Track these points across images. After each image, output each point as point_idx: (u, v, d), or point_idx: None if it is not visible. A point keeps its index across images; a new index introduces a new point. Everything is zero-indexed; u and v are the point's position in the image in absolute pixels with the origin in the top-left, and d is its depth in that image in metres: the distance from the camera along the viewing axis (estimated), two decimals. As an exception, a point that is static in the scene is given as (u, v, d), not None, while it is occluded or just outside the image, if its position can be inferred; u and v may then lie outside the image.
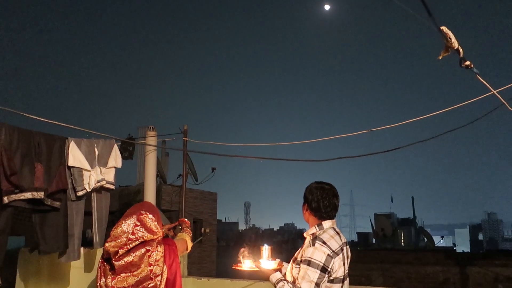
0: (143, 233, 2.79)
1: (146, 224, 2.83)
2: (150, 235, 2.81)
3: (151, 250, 2.77)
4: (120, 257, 2.71)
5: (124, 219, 2.83)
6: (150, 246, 2.78)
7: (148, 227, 2.82)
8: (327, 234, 2.87)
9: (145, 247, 2.77)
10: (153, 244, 2.80)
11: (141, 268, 2.71)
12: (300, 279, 2.73)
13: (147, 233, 2.79)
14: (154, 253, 2.77)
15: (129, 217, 2.84)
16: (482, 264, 15.64)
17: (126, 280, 2.69)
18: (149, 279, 2.71)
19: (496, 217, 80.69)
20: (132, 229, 2.76)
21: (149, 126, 5.76)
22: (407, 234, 43.22)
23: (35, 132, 3.31)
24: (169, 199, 14.53)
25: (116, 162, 3.89)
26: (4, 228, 3.01)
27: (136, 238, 2.76)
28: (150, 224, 2.84)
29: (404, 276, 16.75)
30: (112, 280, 2.69)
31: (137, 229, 2.78)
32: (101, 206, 3.82)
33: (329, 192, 2.99)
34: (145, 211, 2.88)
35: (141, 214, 2.85)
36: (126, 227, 2.78)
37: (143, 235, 2.78)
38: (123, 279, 2.68)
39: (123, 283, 2.67)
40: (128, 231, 2.76)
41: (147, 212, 2.88)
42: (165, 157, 15.06)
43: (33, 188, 3.11)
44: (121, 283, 2.68)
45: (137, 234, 2.76)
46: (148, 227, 2.82)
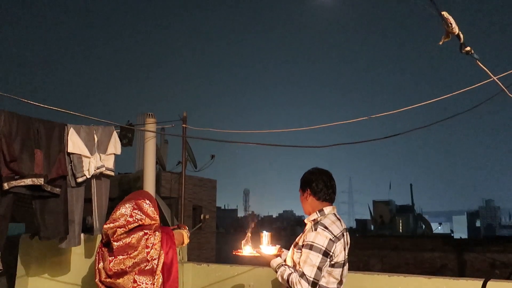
0: (141, 216, 2.85)
1: (143, 209, 2.90)
2: (147, 219, 2.88)
3: (149, 234, 2.83)
4: (118, 237, 2.77)
5: (122, 204, 2.90)
6: (148, 230, 2.84)
7: (146, 211, 2.89)
8: (328, 220, 2.90)
9: (143, 230, 2.83)
10: (151, 228, 2.86)
11: (138, 251, 2.76)
12: (302, 263, 2.76)
13: (144, 217, 2.86)
14: (152, 237, 2.82)
15: (127, 202, 2.91)
16: (479, 250, 15.79)
17: (123, 262, 2.74)
18: (146, 261, 2.77)
19: (494, 204, 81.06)
20: (130, 212, 2.83)
21: (148, 113, 5.75)
22: (405, 221, 43.46)
23: (34, 119, 3.30)
24: (168, 186, 14.57)
25: (115, 149, 3.89)
26: (4, 214, 3.02)
27: (134, 220, 2.82)
28: (147, 209, 2.91)
29: (402, 262, 16.90)
30: (109, 263, 2.75)
31: (135, 213, 2.85)
32: (101, 192, 3.83)
33: (330, 175, 3.07)
34: (142, 198, 2.97)
35: (138, 199, 2.93)
36: (124, 210, 2.85)
37: (141, 218, 2.84)
38: (120, 262, 2.73)
39: (120, 265, 2.73)
40: (126, 213, 2.83)
41: (144, 198, 2.96)
42: (164, 144, 15.07)
43: (33, 174, 3.12)
44: (118, 265, 2.73)
45: (135, 217, 2.83)
46: (145, 211, 2.89)
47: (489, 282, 3.14)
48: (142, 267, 2.74)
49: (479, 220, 75.04)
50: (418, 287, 3.50)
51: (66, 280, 3.80)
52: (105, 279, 2.77)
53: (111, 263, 2.74)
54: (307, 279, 2.69)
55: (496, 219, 76.28)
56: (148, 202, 2.94)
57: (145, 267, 2.74)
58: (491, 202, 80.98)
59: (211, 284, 4.47)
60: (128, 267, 2.72)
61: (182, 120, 5.48)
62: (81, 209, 3.63)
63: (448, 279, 3.50)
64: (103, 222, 3.87)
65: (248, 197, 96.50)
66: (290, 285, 2.75)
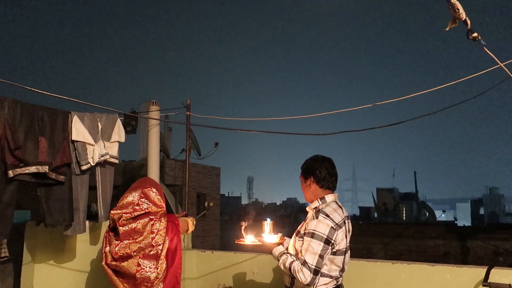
0: (148, 204, 2.91)
1: (150, 197, 2.95)
2: (154, 207, 2.93)
3: (154, 220, 2.89)
4: (124, 222, 2.83)
5: (129, 192, 2.95)
6: (153, 216, 2.90)
7: (152, 200, 2.94)
8: (330, 208, 2.90)
9: (149, 216, 2.89)
10: (157, 215, 2.91)
11: (144, 236, 2.81)
12: (304, 251, 2.76)
13: (151, 205, 2.91)
14: (157, 223, 2.88)
15: (134, 191, 2.96)
16: (482, 237, 15.79)
17: (128, 246, 2.79)
18: (151, 246, 2.82)
19: (497, 191, 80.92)
20: (137, 201, 2.89)
21: (152, 101, 5.74)
22: (409, 208, 43.49)
23: (38, 107, 3.30)
24: (172, 174, 14.61)
25: (119, 137, 3.90)
26: (9, 201, 3.04)
27: (141, 208, 2.88)
28: (154, 197, 2.96)
29: (405, 249, 16.95)
30: (115, 247, 2.81)
31: (142, 201, 2.90)
32: (105, 180, 3.84)
33: (332, 162, 3.08)
34: (149, 186, 3.00)
35: (145, 187, 2.97)
36: (132, 199, 2.90)
37: (148, 207, 2.90)
38: (126, 246, 2.78)
39: (126, 249, 2.78)
40: (134, 202, 2.89)
41: (151, 186, 3.00)
42: (168, 132, 15.08)
43: (37, 162, 3.13)
44: (124, 249, 2.79)
45: (142, 206, 2.89)
46: (152, 199, 2.94)
47: (493, 269, 3.14)
48: (146, 252, 2.80)
49: (483, 207, 75.02)
50: (422, 275, 3.50)
51: (71, 267, 3.83)
52: (111, 262, 2.84)
53: (117, 247, 2.80)
54: (309, 267, 2.70)
55: (500, 206, 76.23)
56: (154, 190, 2.98)
57: (149, 252, 2.81)
58: (495, 189, 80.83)
59: (215, 271, 4.50)
60: (133, 251, 2.78)
61: (186, 107, 5.47)
62: (85, 196, 3.64)
63: (451, 267, 3.51)
64: (108, 210, 3.90)
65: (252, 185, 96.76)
66: (292, 273, 2.77)
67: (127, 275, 2.83)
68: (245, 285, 4.13)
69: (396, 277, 3.58)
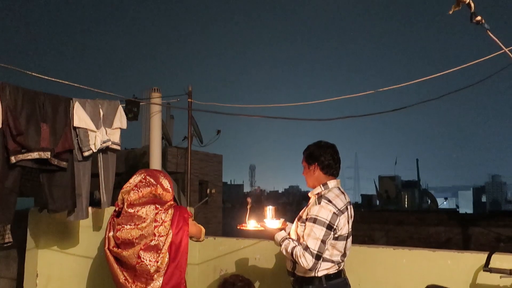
0: (154, 182, 2.95)
1: (156, 176, 3.00)
2: (160, 187, 2.94)
3: (160, 209, 2.87)
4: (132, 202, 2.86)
5: (135, 174, 3.02)
6: (160, 205, 2.88)
7: (159, 180, 2.98)
8: (332, 193, 2.90)
9: (155, 204, 2.87)
10: (164, 205, 2.90)
11: (146, 223, 2.80)
12: (306, 236, 2.78)
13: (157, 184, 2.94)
14: (163, 214, 2.86)
15: (138, 174, 3.01)
16: (484, 224, 15.84)
17: (130, 232, 2.79)
18: (153, 235, 2.80)
19: (500, 179, 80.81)
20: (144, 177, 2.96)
21: (153, 88, 5.72)
22: (411, 196, 43.54)
23: (40, 93, 3.30)
24: (174, 161, 14.65)
25: (121, 123, 3.90)
26: (12, 187, 3.06)
27: (146, 183, 2.92)
28: (161, 178, 3.00)
29: (407, 236, 17.03)
30: (117, 231, 2.82)
31: (148, 178, 2.96)
32: (108, 166, 3.85)
33: (336, 148, 3.08)
34: (156, 170, 3.13)
35: (151, 170, 3.09)
36: (137, 176, 2.98)
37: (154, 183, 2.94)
38: (127, 231, 2.79)
39: (128, 234, 2.79)
40: (139, 179, 2.96)
41: (158, 171, 3.12)
42: (170, 119, 15.07)
43: (39, 148, 3.13)
44: (126, 234, 2.79)
45: (148, 180, 2.94)
46: (158, 180, 2.98)
47: (494, 255, 3.14)
48: (148, 241, 2.78)
49: (485, 195, 75.05)
50: (423, 260, 3.52)
51: (74, 252, 3.86)
52: (113, 248, 2.84)
53: (119, 232, 2.81)
54: (311, 252, 2.71)
55: (502, 194, 76.18)
56: (162, 174, 3.05)
57: (150, 241, 2.78)
58: (498, 177, 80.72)
59: (217, 256, 4.53)
60: (135, 238, 2.77)
61: (188, 94, 5.46)
62: (88, 182, 3.66)
63: (452, 252, 3.52)
64: (111, 196, 3.91)
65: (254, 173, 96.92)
66: (294, 258, 2.78)
67: (128, 265, 2.83)
68: (247, 270, 4.16)
69: (398, 262, 3.59)
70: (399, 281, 3.53)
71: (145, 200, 2.89)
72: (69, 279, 3.84)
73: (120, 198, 2.95)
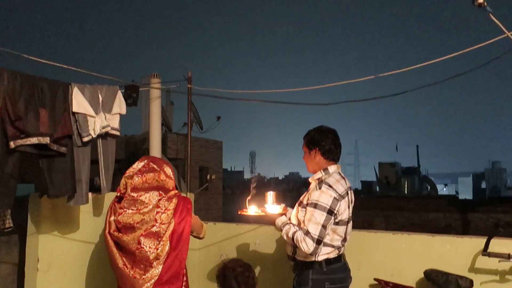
0: (156, 168, 2.96)
1: (158, 162, 3.02)
2: (162, 174, 2.95)
3: (163, 196, 2.87)
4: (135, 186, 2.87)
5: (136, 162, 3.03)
6: (163, 192, 2.89)
7: (161, 166, 2.99)
8: (333, 178, 2.91)
9: (159, 190, 2.88)
10: (168, 192, 2.91)
11: (148, 208, 2.80)
12: (307, 221, 2.78)
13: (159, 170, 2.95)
14: (166, 201, 2.85)
15: (141, 160, 3.04)
16: (483, 210, 15.92)
17: (132, 216, 2.79)
18: (154, 221, 2.80)
19: (500, 165, 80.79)
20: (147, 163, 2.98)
21: (152, 73, 5.68)
22: (411, 182, 43.69)
23: (38, 78, 3.27)
24: (174, 148, 14.66)
25: (120, 109, 3.87)
26: (12, 172, 3.05)
27: (149, 169, 2.94)
28: (163, 165, 3.01)
29: (406, 222, 17.13)
30: (119, 215, 2.82)
31: (151, 163, 2.98)
32: (107, 152, 3.84)
33: (336, 133, 3.07)
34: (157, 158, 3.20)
35: (153, 157, 3.14)
36: (139, 163, 3.00)
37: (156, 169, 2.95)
38: (129, 216, 2.79)
39: (130, 219, 2.78)
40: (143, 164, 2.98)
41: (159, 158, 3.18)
42: (170, 106, 15.05)
43: (38, 133, 3.12)
44: (127, 218, 2.79)
45: (151, 166, 2.96)
46: (161, 166, 2.99)
47: (493, 240, 3.16)
48: (149, 226, 2.78)
49: (485, 181, 75.22)
50: (422, 245, 3.54)
51: (75, 238, 3.88)
52: (114, 232, 2.84)
53: (120, 216, 2.81)
54: (311, 237, 2.73)
55: (502, 180, 76.31)
56: (165, 162, 3.07)
57: (151, 227, 2.77)
58: (498, 163, 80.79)
59: (218, 242, 4.56)
60: (137, 223, 2.77)
61: (187, 80, 5.42)
62: (87, 168, 3.65)
63: (451, 237, 3.54)
64: (111, 182, 3.91)
65: (254, 159, 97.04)
66: (295, 243, 2.80)
67: (127, 250, 2.82)
68: (247, 255, 4.19)
69: (397, 247, 3.62)
70: (398, 266, 3.56)
71: (148, 186, 2.89)
72: (70, 264, 3.87)
73: (123, 183, 2.95)
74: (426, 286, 3.30)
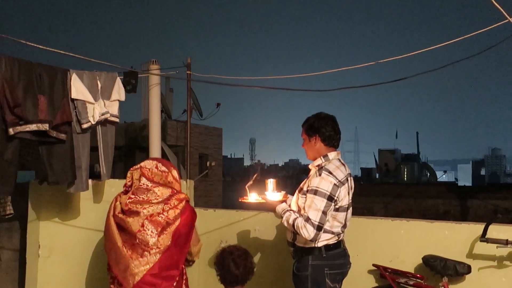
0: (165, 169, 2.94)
1: (167, 164, 3.00)
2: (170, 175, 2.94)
3: (175, 194, 2.87)
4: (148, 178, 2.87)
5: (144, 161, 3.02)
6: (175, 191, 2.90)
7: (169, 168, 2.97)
8: (332, 165, 2.91)
9: (171, 188, 2.90)
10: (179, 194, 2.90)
11: (158, 200, 2.80)
12: (307, 208, 2.79)
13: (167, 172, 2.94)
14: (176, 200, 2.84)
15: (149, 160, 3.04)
16: (482, 197, 15.97)
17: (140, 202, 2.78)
18: (162, 212, 2.78)
19: (499, 152, 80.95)
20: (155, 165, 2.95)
21: (151, 60, 5.65)
22: (410, 169, 43.78)
23: (36, 64, 3.25)
24: (174, 135, 14.66)
25: (119, 95, 3.86)
26: (11, 159, 3.05)
27: (158, 170, 2.92)
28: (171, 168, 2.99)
29: (405, 208, 17.20)
30: (127, 199, 2.80)
31: (160, 165, 2.95)
32: (107, 139, 3.83)
33: (336, 120, 3.06)
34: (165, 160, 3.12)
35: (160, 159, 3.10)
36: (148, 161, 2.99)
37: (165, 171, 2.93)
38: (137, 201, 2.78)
39: (137, 204, 2.76)
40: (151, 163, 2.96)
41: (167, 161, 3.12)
42: (170, 93, 14.99)
43: (37, 120, 3.11)
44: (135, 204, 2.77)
45: (160, 168, 2.93)
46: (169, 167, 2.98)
47: (491, 226, 3.17)
48: (155, 214, 2.75)
49: (484, 168, 75.43)
50: (421, 231, 3.55)
51: (75, 224, 3.90)
52: (118, 214, 2.80)
53: (129, 199, 2.78)
54: (312, 223, 2.74)
55: (502, 167, 76.55)
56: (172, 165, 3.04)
57: (157, 216, 2.76)
58: (497, 150, 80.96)
59: (217, 228, 4.57)
60: (144, 209, 2.75)
61: (186, 66, 5.39)
62: (87, 155, 3.65)
63: (450, 223, 3.55)
64: (110, 168, 3.92)
65: (254, 146, 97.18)
66: (295, 229, 2.81)
67: (129, 232, 2.79)
68: (247, 241, 4.21)
69: (396, 233, 3.63)
70: (397, 252, 3.58)
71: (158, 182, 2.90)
72: (71, 250, 3.89)
73: (129, 176, 2.93)
74: (425, 272, 3.32)
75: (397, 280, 3.29)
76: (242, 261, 2.81)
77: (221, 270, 2.85)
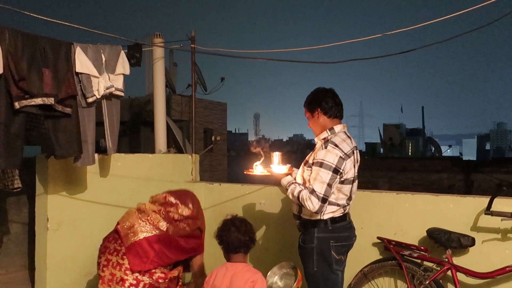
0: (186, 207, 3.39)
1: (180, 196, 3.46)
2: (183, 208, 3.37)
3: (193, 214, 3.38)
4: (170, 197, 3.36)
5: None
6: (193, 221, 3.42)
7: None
8: (338, 138, 2.90)
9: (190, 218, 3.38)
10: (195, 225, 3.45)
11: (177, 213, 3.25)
12: (312, 180, 2.80)
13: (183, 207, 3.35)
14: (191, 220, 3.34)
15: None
16: (487, 171, 15.95)
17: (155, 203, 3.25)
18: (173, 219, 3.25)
19: (505, 127, 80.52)
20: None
21: (155, 33, 5.61)
22: (415, 143, 43.72)
23: (40, 37, 3.21)
24: (179, 109, 14.62)
25: (124, 69, 3.83)
26: (18, 132, 3.05)
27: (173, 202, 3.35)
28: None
29: (410, 182, 17.23)
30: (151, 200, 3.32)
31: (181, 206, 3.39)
32: (112, 113, 3.83)
33: (335, 92, 3.07)
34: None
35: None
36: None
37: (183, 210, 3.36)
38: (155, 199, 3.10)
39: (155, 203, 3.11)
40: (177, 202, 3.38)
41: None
42: (174, 67, 14.88)
43: (43, 93, 3.09)
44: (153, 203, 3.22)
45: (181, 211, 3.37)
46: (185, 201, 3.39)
47: (496, 199, 3.18)
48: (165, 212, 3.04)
49: (489, 143, 75.17)
50: (425, 204, 3.57)
51: (83, 198, 3.94)
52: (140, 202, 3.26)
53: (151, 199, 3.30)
54: (317, 195, 2.75)
55: (507, 142, 76.24)
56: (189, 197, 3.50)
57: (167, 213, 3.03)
58: (503, 125, 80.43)
59: (223, 202, 4.62)
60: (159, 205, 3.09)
61: (190, 39, 5.34)
62: (93, 129, 3.66)
63: (455, 196, 3.56)
64: (116, 142, 3.94)
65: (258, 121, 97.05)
66: (300, 201, 2.83)
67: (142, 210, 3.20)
68: (252, 215, 4.25)
69: (400, 206, 3.65)
70: (401, 224, 3.61)
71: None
72: (79, 223, 3.95)
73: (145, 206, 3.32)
74: (428, 244, 3.35)
75: (401, 253, 3.33)
76: (243, 226, 2.84)
77: (225, 237, 2.86)
